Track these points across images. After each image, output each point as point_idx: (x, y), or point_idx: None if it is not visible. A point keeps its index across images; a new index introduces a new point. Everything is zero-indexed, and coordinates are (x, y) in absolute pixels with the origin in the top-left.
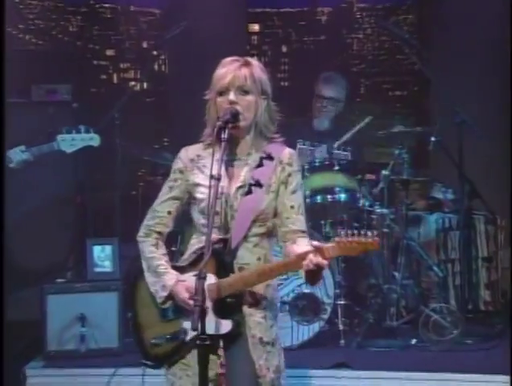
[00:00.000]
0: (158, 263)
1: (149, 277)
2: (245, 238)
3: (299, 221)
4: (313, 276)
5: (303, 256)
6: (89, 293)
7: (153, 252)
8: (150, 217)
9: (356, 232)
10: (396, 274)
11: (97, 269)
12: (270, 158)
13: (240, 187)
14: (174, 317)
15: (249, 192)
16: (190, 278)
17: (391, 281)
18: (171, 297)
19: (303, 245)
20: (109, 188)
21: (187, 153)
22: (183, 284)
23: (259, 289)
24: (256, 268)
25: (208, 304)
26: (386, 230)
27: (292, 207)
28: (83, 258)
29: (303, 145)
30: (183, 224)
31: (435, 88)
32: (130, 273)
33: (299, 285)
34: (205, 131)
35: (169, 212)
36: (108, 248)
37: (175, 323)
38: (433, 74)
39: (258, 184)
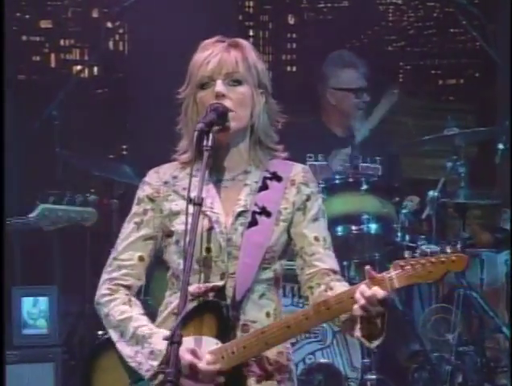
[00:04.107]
0: (136, 324)
1: (124, 348)
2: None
3: (328, 258)
4: (369, 321)
5: (350, 293)
6: (16, 366)
7: (126, 312)
8: (112, 269)
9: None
10: (450, 337)
11: (27, 331)
12: (276, 177)
13: (240, 214)
14: None
15: (253, 223)
16: (187, 340)
17: (443, 348)
18: (161, 368)
19: (344, 289)
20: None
21: (159, 174)
22: (164, 335)
23: (269, 355)
24: (285, 319)
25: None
26: None
27: (317, 238)
28: (7, 316)
29: (316, 161)
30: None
31: (503, 75)
32: (79, 342)
33: (313, 353)
34: (180, 145)
35: (140, 258)
36: (42, 302)
37: None
38: (501, 55)
39: (265, 212)
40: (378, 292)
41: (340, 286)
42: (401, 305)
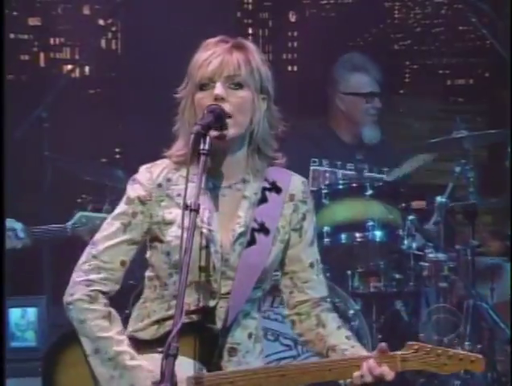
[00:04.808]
0: (119, 350)
1: (98, 367)
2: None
3: (320, 285)
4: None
5: (358, 361)
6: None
7: (106, 330)
8: (90, 269)
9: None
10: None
11: (15, 344)
12: (276, 188)
13: (240, 235)
14: None
15: (252, 242)
16: (153, 359)
17: None
18: None
19: (335, 331)
20: (34, 222)
21: (152, 175)
22: (146, 369)
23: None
24: (282, 366)
25: None
26: (442, 284)
27: (312, 265)
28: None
29: (320, 166)
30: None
31: None
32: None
33: None
34: (176, 145)
35: (122, 263)
36: (31, 313)
37: None
38: None
39: (264, 229)
40: (387, 373)
41: (332, 322)
42: (407, 315)
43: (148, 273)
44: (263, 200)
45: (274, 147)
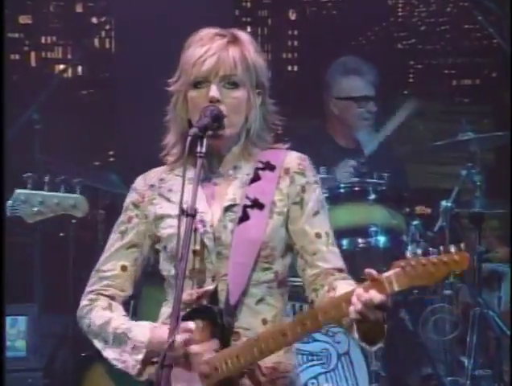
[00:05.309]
0: (115, 325)
1: (110, 354)
2: (246, 290)
3: (332, 255)
4: (367, 325)
5: (347, 297)
6: None
7: (105, 317)
8: (93, 282)
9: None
10: (465, 360)
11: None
12: (269, 166)
13: (228, 209)
14: None
15: (244, 217)
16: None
17: (457, 371)
18: (149, 359)
19: (347, 288)
20: (24, 227)
21: (145, 180)
22: (164, 327)
23: (264, 365)
24: (281, 326)
25: None
26: (448, 292)
27: (318, 235)
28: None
29: (317, 173)
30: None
31: None
32: (61, 366)
33: (316, 377)
34: (167, 139)
35: (123, 267)
36: (21, 321)
37: None
38: None
39: (257, 204)
40: (376, 296)
41: (344, 285)
42: (411, 325)
43: (164, 286)
44: (256, 179)
45: (270, 141)
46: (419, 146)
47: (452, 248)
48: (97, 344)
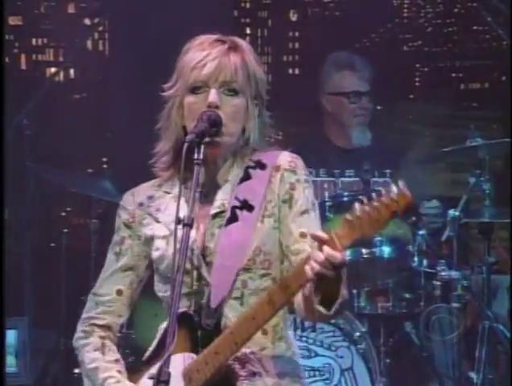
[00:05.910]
0: (105, 375)
1: None
2: (241, 297)
3: None
4: (324, 284)
5: (306, 261)
6: None
7: (96, 361)
8: (90, 306)
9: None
10: (473, 376)
11: None
12: (260, 165)
13: (216, 215)
14: None
15: (232, 219)
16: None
17: None
18: None
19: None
20: (14, 236)
21: (133, 197)
22: None
23: (251, 352)
24: (248, 311)
25: None
26: (456, 305)
27: (303, 235)
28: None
29: (317, 177)
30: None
31: None
32: (52, 382)
33: None
34: (159, 147)
35: (119, 292)
36: (11, 335)
37: None
38: None
39: (247, 206)
40: (330, 253)
41: None
42: (418, 339)
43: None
44: (246, 178)
45: (264, 146)
46: (426, 153)
47: (394, 188)
48: (86, 383)
